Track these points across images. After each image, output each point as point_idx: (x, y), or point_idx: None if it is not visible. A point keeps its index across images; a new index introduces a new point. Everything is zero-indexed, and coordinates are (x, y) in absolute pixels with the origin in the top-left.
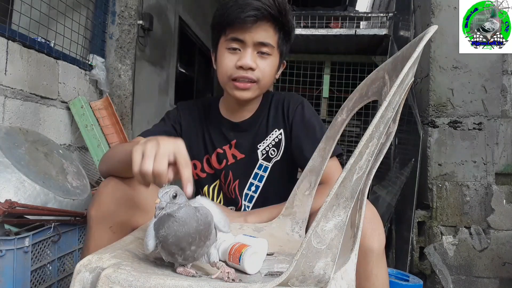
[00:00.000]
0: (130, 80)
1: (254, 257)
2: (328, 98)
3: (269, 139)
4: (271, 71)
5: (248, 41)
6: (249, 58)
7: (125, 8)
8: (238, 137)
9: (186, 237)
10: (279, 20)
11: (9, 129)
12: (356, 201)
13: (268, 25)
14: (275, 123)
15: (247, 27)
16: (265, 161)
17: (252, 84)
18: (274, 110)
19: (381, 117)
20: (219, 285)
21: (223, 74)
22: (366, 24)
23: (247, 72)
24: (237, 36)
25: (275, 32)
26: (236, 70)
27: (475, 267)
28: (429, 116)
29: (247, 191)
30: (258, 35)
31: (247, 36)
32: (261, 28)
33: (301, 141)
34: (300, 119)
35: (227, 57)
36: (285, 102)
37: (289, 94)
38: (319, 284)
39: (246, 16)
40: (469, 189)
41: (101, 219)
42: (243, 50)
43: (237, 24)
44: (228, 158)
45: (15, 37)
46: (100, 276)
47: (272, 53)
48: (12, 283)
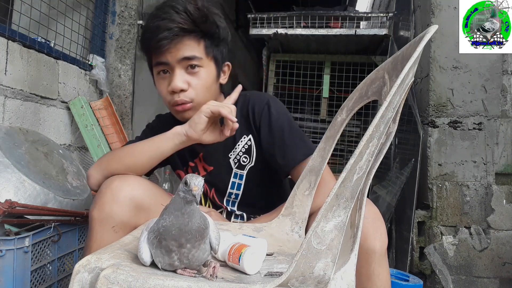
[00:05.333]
0: (130, 80)
1: (254, 257)
2: (328, 98)
3: (239, 147)
4: (205, 84)
5: (172, 62)
6: (178, 80)
7: (125, 8)
8: (205, 149)
9: (186, 234)
10: (198, 30)
11: (9, 129)
12: (356, 201)
13: (186, 39)
14: (242, 130)
15: (165, 49)
16: (239, 169)
17: (190, 105)
18: (239, 115)
19: (381, 117)
20: (219, 285)
21: (164, 101)
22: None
23: (179, 96)
24: (160, 60)
25: (198, 43)
26: (170, 96)
27: (475, 267)
28: (429, 116)
29: (228, 198)
30: (179, 53)
31: (169, 57)
32: (179, 44)
33: (270, 147)
34: (268, 123)
35: (160, 83)
36: (250, 105)
37: (254, 95)
38: (319, 285)
39: (158, 40)
40: (469, 189)
41: (104, 220)
42: (171, 72)
43: (154, 49)
44: (200, 171)
45: (15, 37)
46: (99, 277)
47: (202, 64)
48: (12, 283)
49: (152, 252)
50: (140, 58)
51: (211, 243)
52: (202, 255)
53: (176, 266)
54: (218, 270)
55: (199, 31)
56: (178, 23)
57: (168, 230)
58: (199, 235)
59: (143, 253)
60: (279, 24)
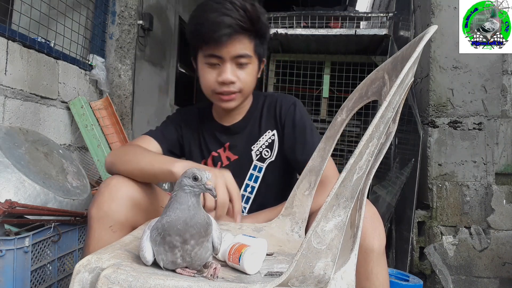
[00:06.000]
0: (130, 80)
1: (254, 257)
2: (328, 98)
3: (262, 140)
4: (251, 78)
5: (226, 57)
6: (229, 73)
7: (125, 8)
8: (231, 140)
9: (191, 229)
10: (253, 29)
11: (9, 129)
12: (356, 201)
13: (242, 37)
14: (268, 125)
15: (223, 45)
16: (259, 161)
17: (236, 95)
18: (266, 111)
19: (381, 117)
20: (219, 285)
21: (207, 88)
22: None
23: (229, 87)
24: (214, 53)
25: (250, 41)
26: (218, 85)
27: (475, 267)
28: (429, 116)
29: (243, 192)
30: (234, 49)
31: (224, 52)
32: (236, 41)
33: (292, 142)
34: (292, 120)
35: (208, 72)
36: (278, 103)
37: (281, 96)
38: (319, 285)
39: (220, 35)
40: (469, 189)
41: (101, 219)
42: (222, 64)
43: (210, 42)
44: (223, 160)
45: (15, 37)
46: (100, 277)
47: (251, 61)
48: (12, 283)
49: (155, 249)
50: (140, 58)
51: (213, 242)
52: (204, 253)
53: (178, 264)
54: (219, 271)
55: (253, 31)
56: (239, 20)
57: (173, 225)
58: (203, 230)
59: (145, 251)
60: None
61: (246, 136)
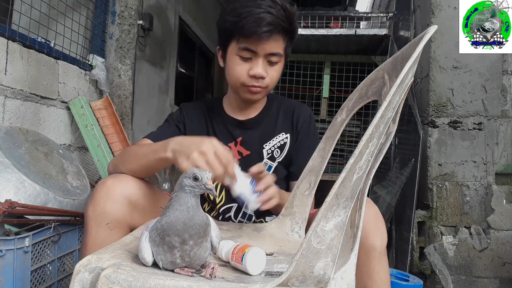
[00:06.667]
0: (130, 80)
1: (257, 258)
2: (328, 98)
3: (275, 140)
4: (278, 76)
5: (260, 53)
6: (261, 68)
7: (125, 8)
8: (244, 135)
9: (190, 229)
10: (289, 29)
11: (9, 129)
12: (356, 201)
13: (279, 36)
14: (283, 127)
15: (261, 41)
16: (270, 160)
17: (263, 89)
18: (283, 115)
19: (381, 117)
20: (219, 285)
21: (235, 80)
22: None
23: (258, 81)
24: (250, 47)
25: (284, 41)
26: (248, 78)
27: (475, 267)
28: (429, 116)
29: None
30: (269, 47)
31: (260, 48)
32: (273, 40)
33: (299, 150)
34: (307, 131)
35: (239, 64)
36: (296, 110)
37: (299, 104)
38: (319, 284)
39: (262, 32)
40: (469, 189)
41: (98, 216)
42: (254, 59)
43: (252, 37)
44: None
45: (15, 37)
46: (100, 277)
47: (280, 60)
48: (12, 283)
49: (154, 250)
50: (140, 58)
51: (212, 241)
52: (203, 253)
53: (177, 264)
54: (216, 270)
55: (289, 31)
56: (280, 19)
57: (172, 226)
58: (202, 231)
59: (144, 252)
60: None
61: (260, 132)
